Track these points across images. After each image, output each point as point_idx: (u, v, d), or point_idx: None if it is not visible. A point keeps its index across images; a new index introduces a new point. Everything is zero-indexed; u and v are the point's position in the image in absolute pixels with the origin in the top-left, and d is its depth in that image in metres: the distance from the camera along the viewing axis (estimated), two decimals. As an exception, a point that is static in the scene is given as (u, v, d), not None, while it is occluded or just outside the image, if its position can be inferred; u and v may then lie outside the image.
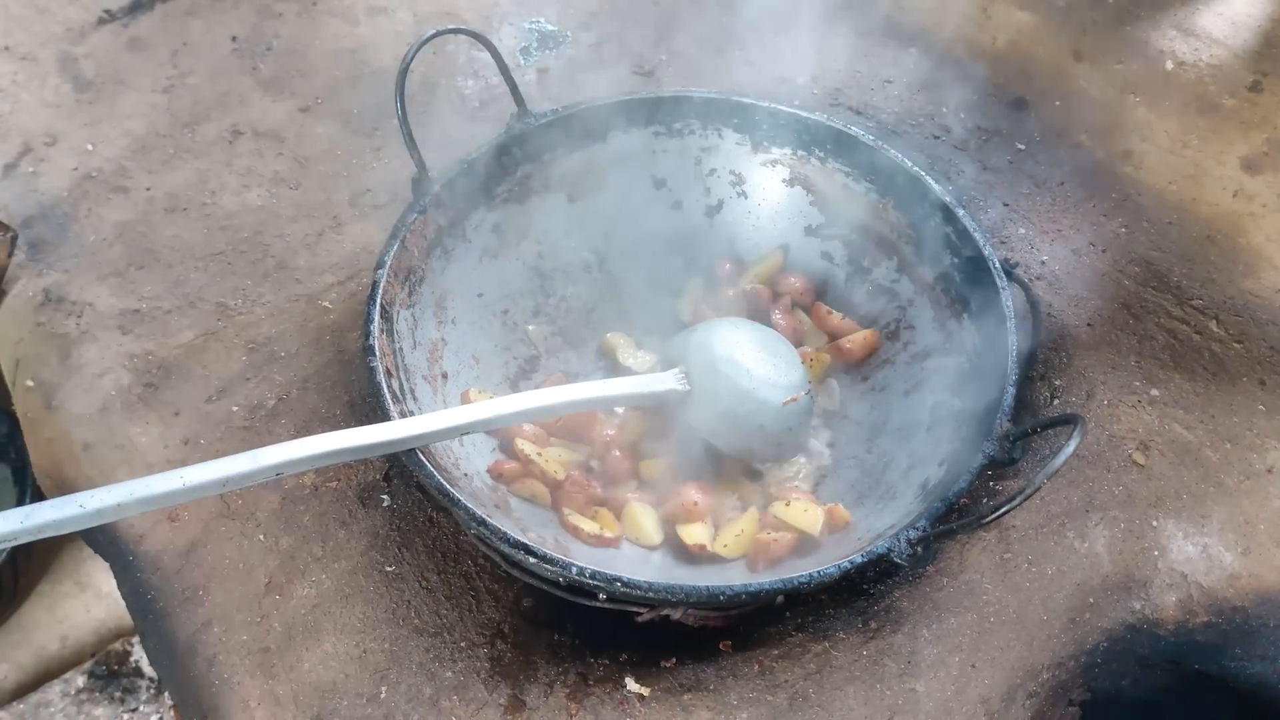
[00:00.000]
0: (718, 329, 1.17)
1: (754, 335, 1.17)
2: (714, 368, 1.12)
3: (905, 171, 1.22)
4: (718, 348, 1.13)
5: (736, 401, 1.11)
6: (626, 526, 1.12)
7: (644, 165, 1.34)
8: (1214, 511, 1.13)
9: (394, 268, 1.11)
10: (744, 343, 1.15)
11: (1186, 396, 1.22)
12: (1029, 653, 1.04)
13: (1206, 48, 1.46)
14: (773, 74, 1.58)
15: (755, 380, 1.12)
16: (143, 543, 1.12)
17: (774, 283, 1.32)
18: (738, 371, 1.11)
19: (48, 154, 1.47)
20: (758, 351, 1.14)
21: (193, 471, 0.86)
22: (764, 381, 1.12)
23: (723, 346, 1.13)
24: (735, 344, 1.14)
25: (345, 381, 1.23)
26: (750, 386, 1.11)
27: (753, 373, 1.12)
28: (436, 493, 0.94)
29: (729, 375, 1.11)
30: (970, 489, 1.11)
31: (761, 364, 1.13)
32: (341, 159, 1.48)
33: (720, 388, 1.11)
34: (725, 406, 1.12)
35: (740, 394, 1.11)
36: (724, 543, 1.09)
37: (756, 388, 1.11)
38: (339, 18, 1.67)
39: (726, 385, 1.11)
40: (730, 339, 1.15)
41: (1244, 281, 1.31)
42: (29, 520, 0.79)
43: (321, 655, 1.03)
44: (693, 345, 1.15)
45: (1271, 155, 1.37)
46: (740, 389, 1.11)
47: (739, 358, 1.13)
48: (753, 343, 1.16)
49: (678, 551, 1.12)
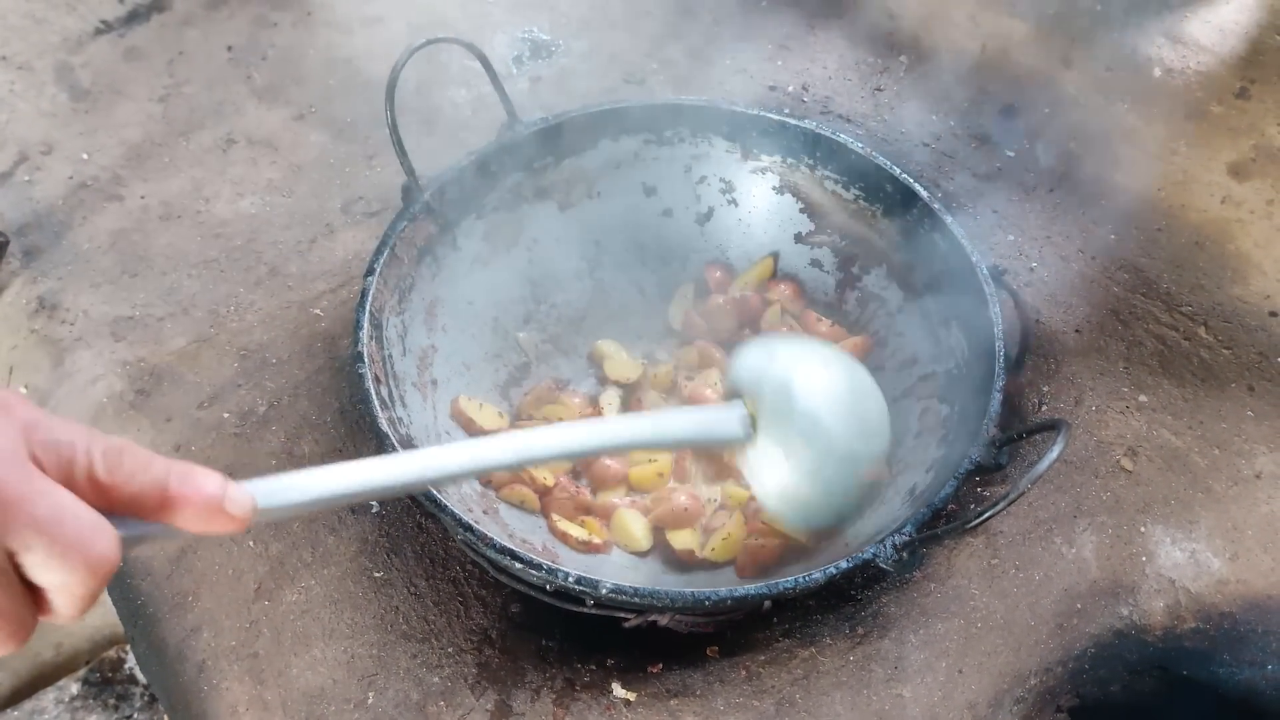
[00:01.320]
0: (802, 365, 0.92)
1: (844, 382, 0.93)
2: (790, 420, 0.88)
3: (894, 179, 1.23)
4: (799, 395, 0.88)
5: (806, 471, 0.88)
6: (615, 532, 1.13)
7: (634, 173, 1.35)
8: (1202, 517, 1.13)
9: (384, 275, 1.11)
10: (833, 393, 0.91)
11: (1175, 402, 1.22)
12: (1016, 658, 1.04)
13: (1194, 55, 1.47)
14: (763, 82, 1.59)
15: (837, 449, 0.89)
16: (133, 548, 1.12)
17: (764, 289, 1.32)
18: (818, 431, 0.88)
19: (44, 162, 1.48)
20: (848, 408, 0.91)
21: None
22: (847, 453, 0.89)
23: (806, 394, 0.88)
24: (822, 393, 0.90)
25: (336, 388, 1.24)
26: (829, 454, 0.88)
27: (836, 438, 0.88)
28: (424, 499, 0.94)
29: (808, 435, 0.87)
30: (957, 495, 1.12)
31: (849, 426, 0.90)
32: (334, 167, 1.49)
33: (792, 447, 0.88)
34: (791, 470, 0.88)
35: (815, 462, 0.88)
36: (711, 547, 1.10)
37: (837, 457, 0.89)
38: (333, 28, 1.68)
39: (801, 448, 0.87)
40: (816, 384, 0.90)
41: (1232, 288, 1.32)
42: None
43: (310, 661, 1.03)
44: (767, 382, 0.90)
45: (1259, 162, 1.38)
46: (817, 456, 0.88)
47: (823, 411, 0.88)
48: (842, 393, 0.91)
49: (666, 557, 1.13)
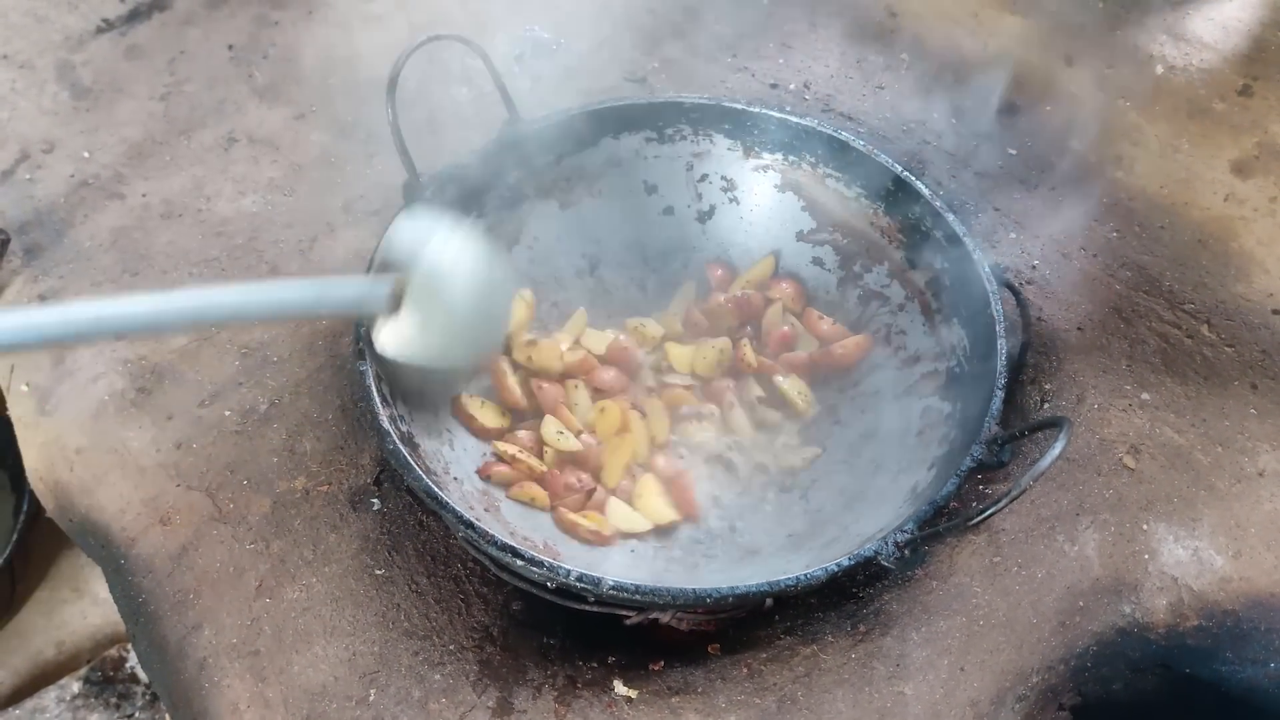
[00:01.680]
0: (453, 259, 1.06)
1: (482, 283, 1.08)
2: (432, 309, 1.01)
3: (896, 177, 1.23)
4: (446, 290, 1.03)
5: (432, 354, 1.03)
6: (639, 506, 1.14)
7: (636, 171, 1.35)
8: (1205, 515, 1.13)
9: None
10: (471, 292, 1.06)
11: (1178, 400, 1.22)
12: (1018, 656, 1.04)
13: (1197, 52, 1.47)
14: (764, 80, 1.59)
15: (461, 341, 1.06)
16: (134, 546, 1.12)
17: (765, 288, 1.32)
18: (451, 327, 1.04)
19: (45, 161, 1.48)
20: (479, 307, 1.08)
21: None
22: (467, 341, 1.07)
23: (451, 291, 1.04)
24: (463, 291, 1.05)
25: (337, 386, 1.24)
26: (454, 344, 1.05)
27: (463, 334, 1.06)
28: (425, 496, 0.94)
29: (443, 326, 1.03)
30: (959, 492, 1.12)
31: (476, 323, 1.08)
32: (335, 165, 1.49)
33: (427, 331, 1.01)
34: (414, 347, 1.02)
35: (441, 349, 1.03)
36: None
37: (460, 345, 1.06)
38: (335, 26, 1.68)
39: (434, 335, 1.02)
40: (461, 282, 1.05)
41: (1235, 285, 1.31)
42: None
43: (311, 658, 1.03)
44: (421, 268, 1.02)
45: (1262, 159, 1.38)
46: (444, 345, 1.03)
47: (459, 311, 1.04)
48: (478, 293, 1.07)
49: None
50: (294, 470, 1.16)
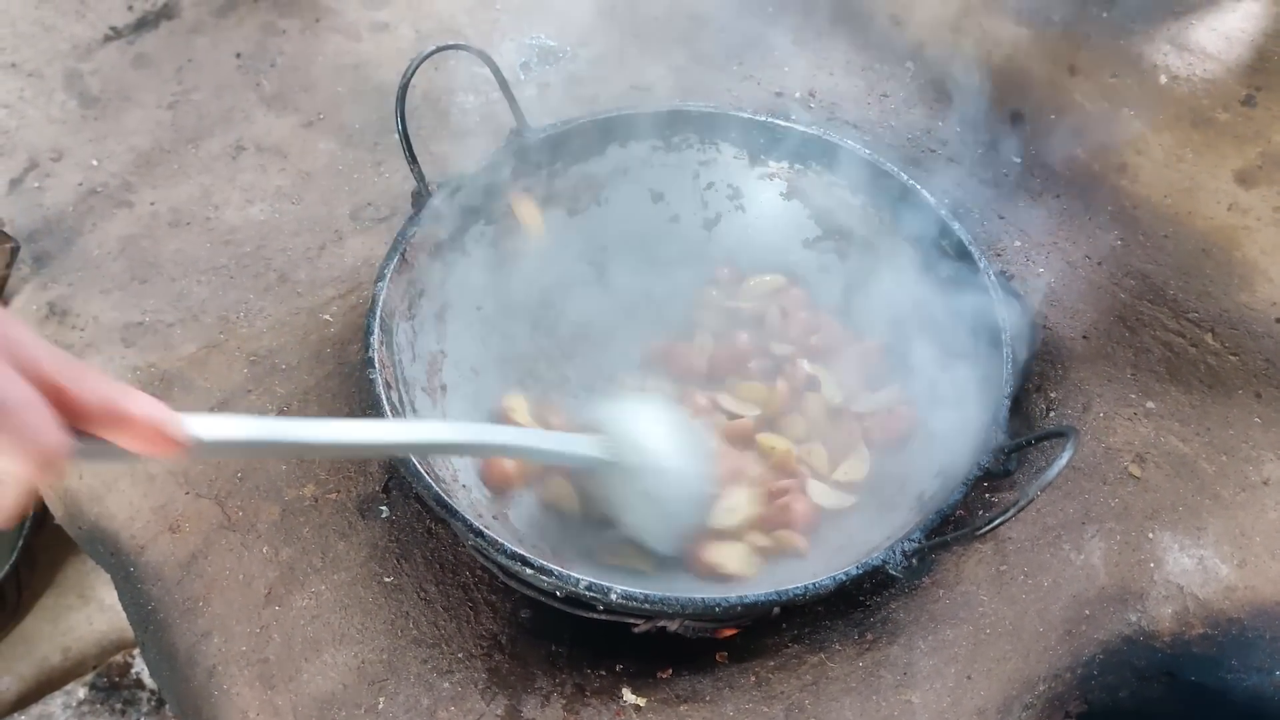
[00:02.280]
0: (644, 408, 1.10)
1: (676, 419, 1.11)
2: (638, 443, 1.04)
3: (901, 184, 1.24)
4: (643, 424, 1.06)
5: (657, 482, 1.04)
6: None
7: (642, 179, 1.35)
8: (1210, 524, 1.13)
9: (394, 281, 1.12)
10: (669, 425, 1.08)
11: (1182, 409, 1.22)
12: (1025, 664, 1.05)
13: (1200, 62, 1.47)
14: (770, 88, 1.60)
15: (678, 464, 1.05)
16: (144, 554, 1.12)
17: (774, 299, 1.31)
18: (661, 451, 1.05)
19: (53, 169, 1.49)
20: (682, 436, 1.08)
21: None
22: (687, 470, 1.06)
23: (650, 424, 1.06)
24: (661, 422, 1.07)
25: (346, 394, 1.24)
26: (672, 466, 1.05)
27: (675, 455, 1.05)
28: (434, 504, 0.95)
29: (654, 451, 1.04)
30: (965, 501, 1.12)
31: (686, 450, 1.07)
32: (343, 173, 1.50)
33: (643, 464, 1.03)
34: (643, 484, 1.03)
35: (662, 474, 1.04)
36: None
37: (679, 473, 1.05)
38: (342, 34, 1.68)
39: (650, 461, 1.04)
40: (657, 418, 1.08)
41: (1239, 295, 1.32)
42: None
43: (320, 666, 1.03)
44: (621, 421, 1.06)
45: (1265, 169, 1.38)
46: (662, 469, 1.04)
47: (662, 436, 1.06)
48: (676, 426, 1.09)
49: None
50: (303, 478, 1.17)
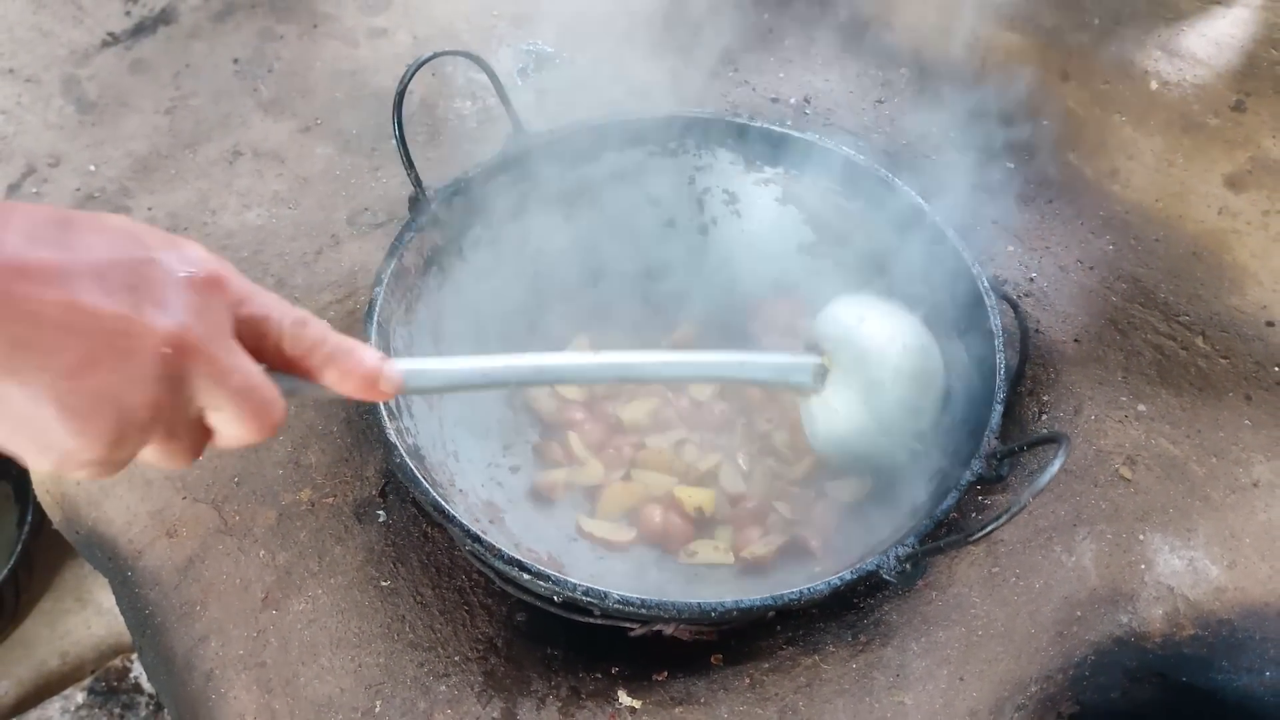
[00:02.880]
0: (884, 337, 1.01)
1: (919, 363, 1.02)
2: (857, 388, 0.98)
3: (895, 190, 1.24)
4: (874, 367, 0.99)
5: (857, 430, 1.00)
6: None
7: (639, 184, 1.36)
8: (1200, 525, 1.14)
9: (391, 286, 1.12)
10: (905, 372, 1.00)
11: (1173, 411, 1.23)
12: (1017, 666, 1.05)
13: (1190, 68, 1.48)
14: (765, 94, 1.61)
15: (889, 423, 1.00)
16: (141, 558, 1.13)
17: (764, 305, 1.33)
18: (879, 405, 0.99)
19: (51, 175, 1.50)
20: (911, 388, 1.01)
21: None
22: (893, 426, 1.00)
23: (879, 368, 0.99)
24: (895, 369, 0.99)
25: (342, 399, 1.24)
26: (881, 425, 0.99)
27: (892, 414, 0.99)
28: (431, 508, 0.95)
29: (869, 405, 0.98)
30: (959, 506, 1.13)
31: (905, 406, 1.01)
32: (340, 178, 1.50)
33: (850, 409, 0.99)
34: (844, 428, 1.00)
35: (865, 429, 0.99)
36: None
37: (886, 429, 1.00)
38: (339, 40, 1.69)
39: (858, 412, 0.98)
40: (893, 359, 1.00)
41: (1230, 298, 1.33)
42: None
43: (317, 670, 1.04)
44: (849, 346, 1.00)
45: (1255, 174, 1.39)
46: (870, 423, 0.99)
47: (890, 389, 0.99)
48: (913, 374, 1.01)
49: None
50: (299, 482, 1.17)
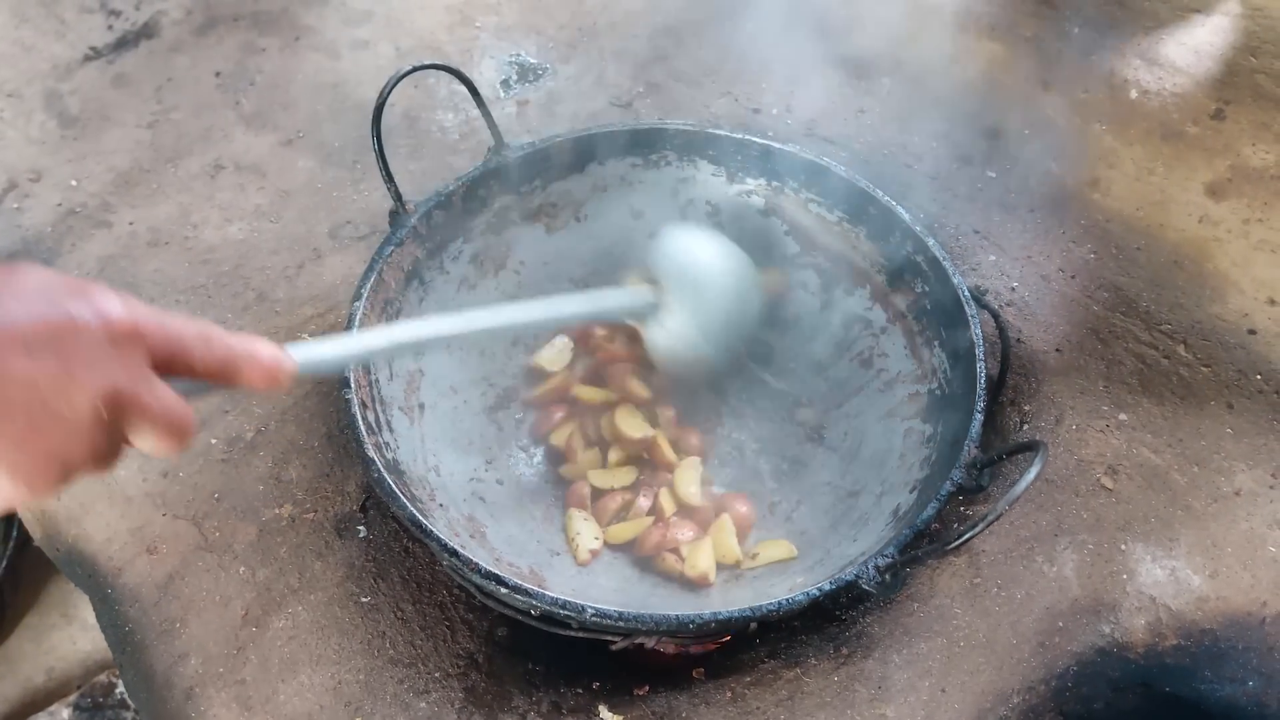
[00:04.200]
0: (706, 265, 1.17)
1: (736, 285, 1.19)
2: (690, 309, 1.13)
3: (876, 201, 1.24)
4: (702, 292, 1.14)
5: (689, 344, 1.14)
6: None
7: (622, 196, 1.36)
8: (1182, 535, 1.14)
9: (371, 300, 1.12)
10: (727, 292, 1.17)
11: (1154, 420, 1.23)
12: (999, 677, 1.05)
13: (1170, 76, 1.49)
14: (748, 105, 1.61)
15: (714, 336, 1.14)
16: (121, 575, 1.12)
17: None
18: (706, 321, 1.14)
19: (32, 189, 1.49)
20: (733, 306, 1.17)
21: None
22: (719, 339, 1.15)
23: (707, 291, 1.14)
24: (719, 291, 1.16)
25: (324, 413, 1.24)
26: (707, 339, 1.14)
27: (715, 327, 1.14)
28: (410, 524, 0.95)
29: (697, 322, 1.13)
30: (940, 516, 1.13)
31: (728, 321, 1.16)
32: (322, 192, 1.50)
33: (684, 328, 1.13)
34: (680, 343, 1.14)
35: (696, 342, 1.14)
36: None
37: (712, 342, 1.14)
38: (321, 52, 1.69)
39: (690, 330, 1.13)
40: (716, 284, 1.16)
41: (1211, 306, 1.33)
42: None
43: (297, 687, 1.03)
44: (678, 275, 1.15)
45: (1235, 182, 1.40)
46: (697, 339, 1.13)
47: (715, 308, 1.14)
48: (733, 294, 1.18)
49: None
50: (280, 498, 1.17)
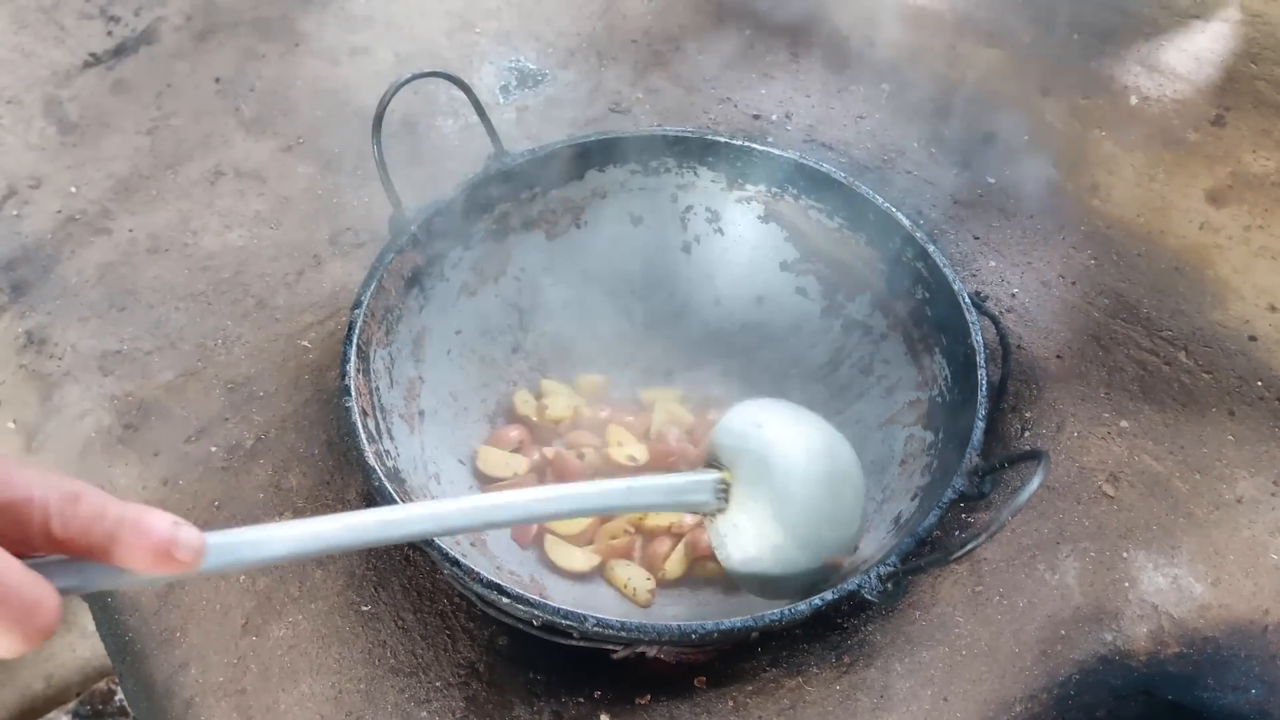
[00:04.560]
0: (786, 443, 0.92)
1: (826, 466, 0.93)
2: (764, 498, 0.89)
3: (876, 207, 1.24)
4: (778, 476, 0.89)
5: (771, 549, 0.89)
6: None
7: (621, 203, 1.36)
8: (1184, 542, 1.14)
9: (371, 307, 1.12)
10: (812, 477, 0.91)
11: (1156, 428, 1.23)
12: (1001, 685, 1.05)
13: (1170, 83, 1.49)
14: (747, 110, 1.61)
15: (801, 531, 0.89)
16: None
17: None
18: (788, 512, 0.89)
19: (32, 196, 1.49)
20: (824, 494, 0.91)
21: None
22: (810, 538, 0.90)
23: (783, 477, 0.89)
24: (801, 477, 0.90)
25: (324, 420, 1.24)
26: (791, 537, 0.89)
27: (804, 522, 0.89)
28: (410, 533, 0.94)
29: (775, 516, 0.88)
30: (942, 524, 1.13)
31: (821, 513, 0.91)
32: (322, 198, 1.50)
33: (762, 524, 0.89)
34: (752, 540, 0.90)
35: (778, 540, 0.89)
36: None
37: (800, 540, 0.89)
38: (321, 58, 1.69)
39: (769, 527, 0.89)
40: (797, 466, 0.90)
41: (1212, 313, 1.33)
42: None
43: (298, 696, 1.03)
44: (748, 455, 0.91)
45: (1235, 188, 1.40)
46: (780, 534, 0.88)
47: (797, 495, 0.89)
48: (821, 478, 0.92)
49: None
50: (280, 506, 1.17)
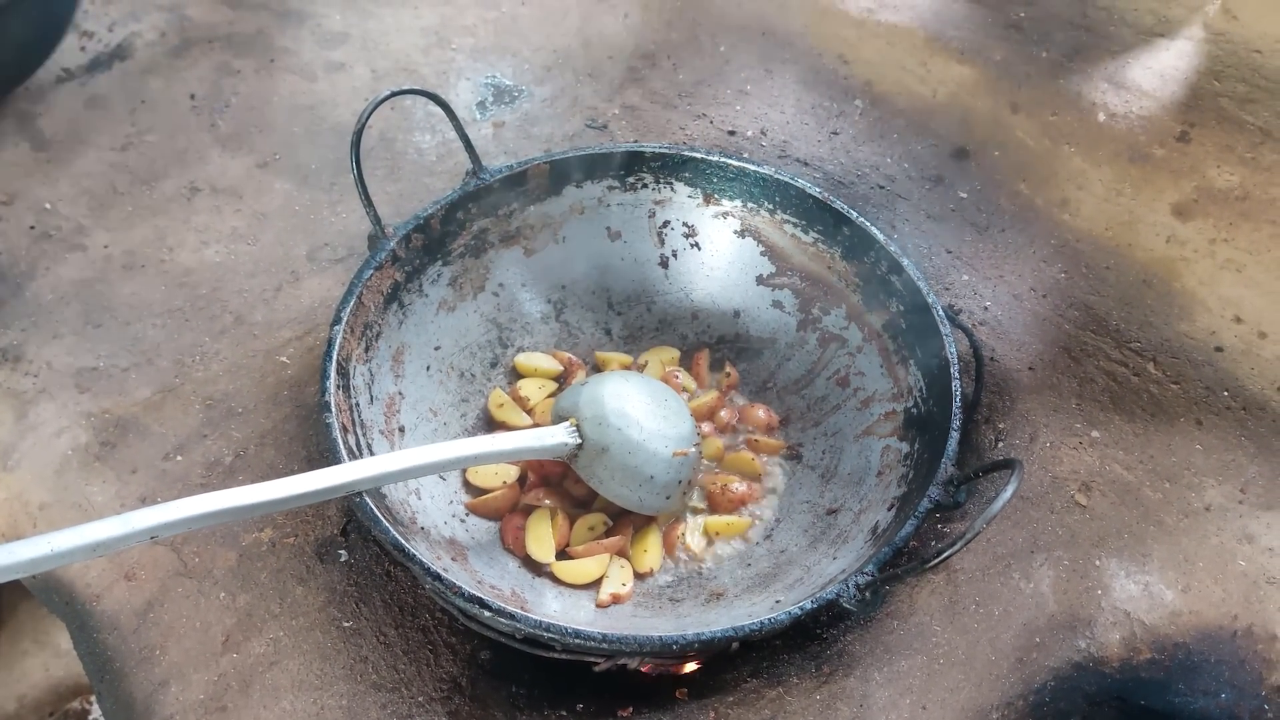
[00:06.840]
0: (607, 382, 1.19)
1: (643, 388, 1.20)
2: (604, 420, 1.13)
3: (851, 222, 1.26)
4: (608, 401, 1.14)
5: (626, 453, 1.12)
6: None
7: (599, 218, 1.37)
8: (1154, 550, 1.16)
9: (350, 324, 1.12)
10: (633, 395, 1.17)
11: (1126, 437, 1.26)
12: (978, 693, 1.06)
13: (1137, 100, 1.53)
14: (722, 126, 1.63)
15: (645, 432, 1.14)
16: (99, 602, 1.11)
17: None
18: (628, 424, 1.13)
19: (5, 213, 1.48)
20: (648, 404, 1.17)
21: (60, 538, 0.81)
22: (654, 434, 1.14)
23: (613, 399, 1.15)
24: (625, 396, 1.16)
25: (303, 436, 1.24)
26: (640, 439, 1.13)
27: (643, 425, 1.14)
28: (391, 547, 0.95)
29: (619, 428, 1.13)
30: (918, 534, 1.14)
31: (651, 416, 1.16)
32: (299, 214, 1.50)
33: (610, 440, 1.12)
34: (616, 459, 1.13)
35: (630, 446, 1.12)
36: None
37: (646, 440, 1.13)
38: (297, 74, 1.69)
39: (617, 438, 1.12)
40: (620, 391, 1.17)
41: (1179, 324, 1.36)
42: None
43: (279, 713, 1.03)
44: (583, 399, 1.16)
45: (1201, 202, 1.43)
46: (630, 441, 1.12)
47: (629, 410, 1.14)
48: (642, 395, 1.18)
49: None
50: (260, 523, 1.16)
